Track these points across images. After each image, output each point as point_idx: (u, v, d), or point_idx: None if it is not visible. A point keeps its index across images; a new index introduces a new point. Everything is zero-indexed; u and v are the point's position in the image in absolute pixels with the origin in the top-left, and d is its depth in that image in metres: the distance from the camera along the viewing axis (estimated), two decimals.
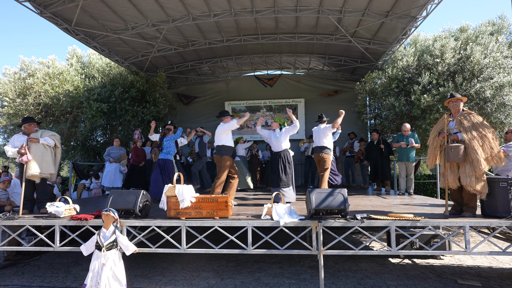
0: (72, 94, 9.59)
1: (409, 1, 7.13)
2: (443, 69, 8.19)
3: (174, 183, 4.25)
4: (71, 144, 10.29)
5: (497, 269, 4.79)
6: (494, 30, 8.96)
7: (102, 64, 11.08)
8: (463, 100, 4.30)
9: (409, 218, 3.85)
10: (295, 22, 8.62)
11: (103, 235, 3.46)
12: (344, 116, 6.00)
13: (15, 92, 9.67)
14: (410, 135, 7.15)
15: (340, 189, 4.04)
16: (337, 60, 11.06)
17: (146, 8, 7.60)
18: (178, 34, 9.12)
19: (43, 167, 4.79)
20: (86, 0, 6.91)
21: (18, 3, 6.48)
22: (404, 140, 7.13)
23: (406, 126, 7.23)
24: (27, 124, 4.95)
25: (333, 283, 4.23)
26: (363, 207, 5.20)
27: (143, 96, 10.55)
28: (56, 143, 5.03)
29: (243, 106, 12.38)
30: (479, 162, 3.86)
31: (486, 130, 3.97)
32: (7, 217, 4.27)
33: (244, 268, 4.86)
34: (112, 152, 8.36)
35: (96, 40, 8.53)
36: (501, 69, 7.78)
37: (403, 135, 7.22)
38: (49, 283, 4.38)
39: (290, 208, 4.19)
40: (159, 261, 5.26)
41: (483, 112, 7.98)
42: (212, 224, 4.00)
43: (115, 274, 3.40)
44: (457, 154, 4.00)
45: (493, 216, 3.95)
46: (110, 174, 8.15)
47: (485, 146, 3.91)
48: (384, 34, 8.75)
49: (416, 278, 4.37)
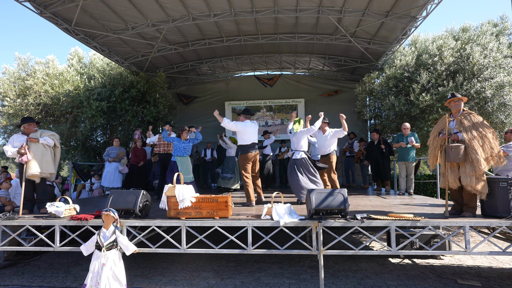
0: (72, 94, 9.59)
1: (409, 1, 7.13)
2: (441, 69, 8.19)
3: (174, 183, 4.25)
4: (71, 144, 10.29)
5: (497, 269, 4.79)
6: (497, 31, 8.98)
7: (102, 64, 11.09)
8: (463, 100, 4.30)
9: (409, 218, 3.85)
10: (295, 22, 8.62)
11: (103, 235, 3.46)
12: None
13: (15, 92, 9.67)
14: (410, 135, 7.12)
15: (340, 189, 4.04)
16: (337, 60, 11.06)
17: (146, 8, 7.59)
18: (178, 34, 9.12)
19: (43, 167, 4.79)
20: (86, 0, 6.91)
21: (18, 3, 6.48)
22: (404, 140, 7.11)
23: (406, 125, 7.19)
24: (26, 124, 4.95)
25: (333, 283, 4.23)
26: (363, 207, 5.20)
27: (143, 96, 10.54)
28: (56, 143, 5.04)
29: (243, 106, 12.38)
30: (479, 162, 3.85)
31: (486, 130, 3.98)
32: (7, 217, 4.27)
33: (244, 268, 4.86)
34: (111, 152, 8.36)
35: (96, 40, 8.53)
36: (501, 69, 7.78)
37: (403, 134, 7.19)
38: (49, 283, 4.38)
39: (290, 208, 4.19)
40: (159, 261, 5.26)
41: (484, 112, 7.97)
42: (212, 224, 4.00)
43: (115, 274, 3.39)
44: (457, 154, 3.99)
45: (493, 216, 3.95)
46: (110, 174, 8.16)
47: (485, 146, 3.91)
48: (384, 34, 8.75)
49: (416, 278, 4.37)
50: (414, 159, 7.15)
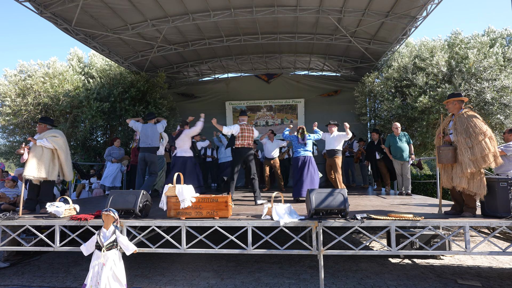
0: (72, 94, 9.59)
1: (409, 1, 7.13)
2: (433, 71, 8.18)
3: (174, 183, 4.25)
4: (71, 144, 10.28)
5: (497, 269, 4.79)
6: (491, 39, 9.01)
7: (102, 64, 11.08)
8: (464, 100, 4.30)
9: (409, 218, 3.86)
10: (295, 22, 8.62)
11: (103, 235, 3.46)
12: (344, 116, 6.21)
13: (15, 92, 9.67)
14: (401, 135, 7.07)
15: (340, 189, 4.05)
16: (337, 60, 11.06)
17: (146, 8, 7.60)
18: (178, 34, 9.12)
19: (38, 170, 4.73)
20: (86, 0, 6.91)
21: (18, 3, 6.48)
22: (395, 140, 7.05)
23: (397, 125, 7.13)
24: (38, 124, 5.09)
25: (333, 283, 4.23)
26: (363, 207, 5.20)
27: (143, 96, 10.54)
28: (55, 146, 4.91)
29: (243, 106, 12.40)
30: (467, 164, 3.89)
31: (478, 131, 3.93)
32: (7, 217, 4.27)
33: (244, 268, 4.86)
34: (113, 152, 8.36)
35: (96, 40, 8.53)
36: (502, 72, 7.76)
37: (394, 135, 7.14)
38: (49, 283, 4.38)
39: (290, 208, 4.19)
40: (159, 261, 5.26)
41: (483, 113, 7.97)
42: (212, 224, 4.00)
43: (115, 274, 3.39)
44: (446, 156, 4.08)
45: (493, 216, 3.95)
46: (112, 174, 8.15)
47: (475, 148, 3.90)
48: (384, 34, 8.75)
49: (416, 278, 4.37)
50: (407, 159, 7.02)
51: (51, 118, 5.40)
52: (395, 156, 7.09)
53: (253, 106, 12.33)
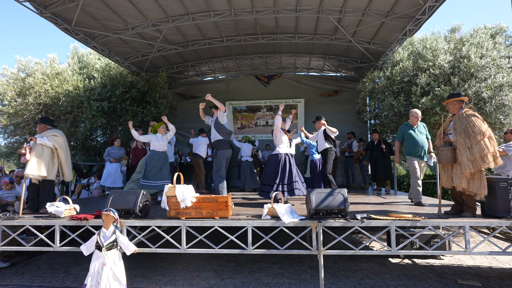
0: (72, 94, 9.59)
1: (409, 1, 7.12)
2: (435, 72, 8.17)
3: (174, 183, 4.25)
4: (71, 144, 10.28)
5: (497, 269, 4.79)
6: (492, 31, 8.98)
7: (101, 64, 11.07)
8: (464, 100, 4.30)
9: (409, 218, 3.86)
10: (295, 22, 8.61)
11: (103, 235, 3.46)
12: (344, 116, 6.16)
13: (15, 92, 9.66)
14: (420, 126, 5.54)
15: (340, 189, 4.05)
16: (337, 60, 11.05)
17: (146, 8, 7.59)
18: (178, 34, 9.12)
19: (38, 168, 4.74)
20: (86, 0, 6.91)
21: (18, 3, 6.48)
22: (413, 132, 5.44)
23: (417, 113, 5.47)
24: (38, 125, 5.09)
25: (333, 283, 4.23)
26: (363, 207, 5.20)
27: (144, 97, 10.54)
28: (55, 145, 4.93)
29: (243, 106, 12.40)
30: (466, 164, 3.89)
31: (477, 131, 3.93)
32: (7, 217, 4.27)
33: (244, 268, 4.86)
34: (112, 152, 8.35)
35: (96, 40, 8.52)
36: (499, 70, 7.75)
37: (411, 125, 5.54)
38: (49, 283, 4.38)
39: (291, 207, 4.19)
40: (159, 261, 5.26)
41: (482, 112, 7.96)
42: (212, 224, 4.00)
43: (115, 274, 3.39)
44: (445, 156, 4.09)
45: (493, 216, 3.95)
46: (111, 174, 8.15)
47: (473, 148, 3.90)
48: (384, 34, 8.74)
49: (416, 278, 4.37)
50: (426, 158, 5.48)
51: (51, 118, 5.41)
52: (412, 152, 5.39)
53: (253, 106, 12.33)
